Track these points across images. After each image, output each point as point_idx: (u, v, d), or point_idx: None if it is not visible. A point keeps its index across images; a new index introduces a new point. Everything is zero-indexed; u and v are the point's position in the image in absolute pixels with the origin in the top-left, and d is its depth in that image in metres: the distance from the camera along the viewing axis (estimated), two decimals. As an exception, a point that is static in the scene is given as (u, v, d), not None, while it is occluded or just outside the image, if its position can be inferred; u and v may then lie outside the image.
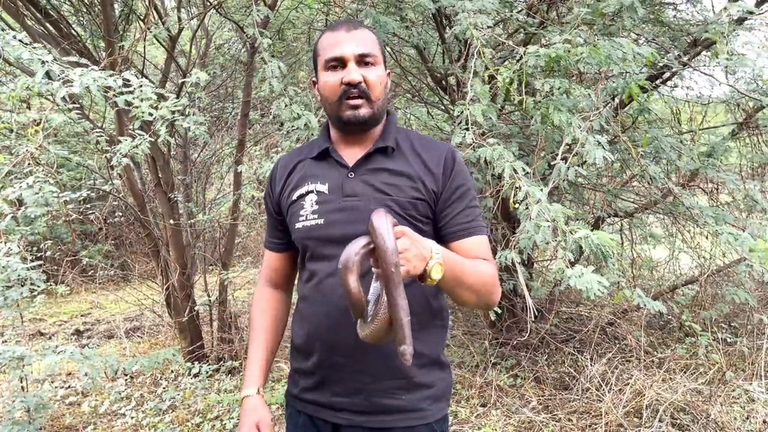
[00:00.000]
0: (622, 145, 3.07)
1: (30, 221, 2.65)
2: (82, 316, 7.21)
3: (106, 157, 3.26)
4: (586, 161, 3.84)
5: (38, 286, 2.41)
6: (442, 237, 1.37)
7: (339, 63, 1.35)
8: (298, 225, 1.41)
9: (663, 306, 2.47)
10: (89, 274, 8.23)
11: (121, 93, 2.06)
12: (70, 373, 4.66)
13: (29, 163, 2.81)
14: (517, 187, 2.05)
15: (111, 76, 1.96)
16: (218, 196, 5.19)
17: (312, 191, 1.41)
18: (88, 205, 5.04)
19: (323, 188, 1.40)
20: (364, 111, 1.35)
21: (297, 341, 1.50)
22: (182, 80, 3.14)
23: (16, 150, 2.88)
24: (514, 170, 2.08)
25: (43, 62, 2.29)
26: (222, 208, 4.68)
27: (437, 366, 1.43)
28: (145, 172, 4.87)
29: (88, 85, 1.88)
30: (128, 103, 2.51)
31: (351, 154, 1.42)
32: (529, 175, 2.13)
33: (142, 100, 2.15)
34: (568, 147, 2.58)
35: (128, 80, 2.44)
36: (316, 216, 1.38)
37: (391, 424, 1.37)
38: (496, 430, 3.23)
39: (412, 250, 1.11)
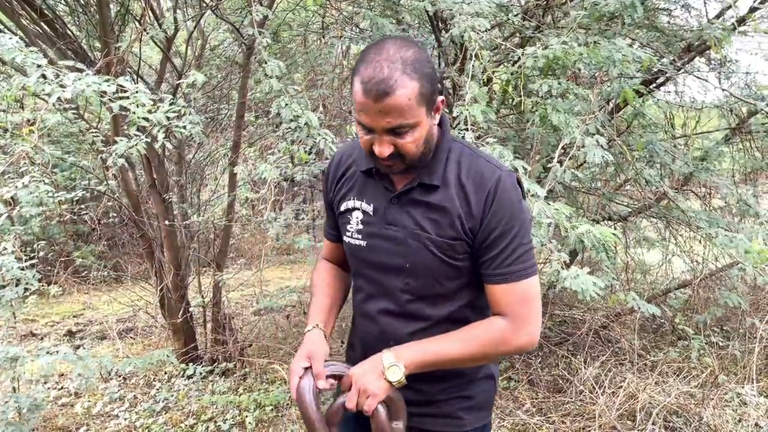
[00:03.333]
0: (616, 148, 3.10)
1: (24, 221, 2.64)
2: (74, 317, 7.17)
3: (101, 157, 3.25)
4: (581, 164, 3.87)
5: (32, 286, 2.40)
6: (482, 278, 1.35)
7: (368, 129, 1.24)
8: (346, 239, 1.45)
9: (657, 309, 2.49)
10: (82, 274, 8.19)
11: (119, 98, 2.05)
12: (62, 374, 4.63)
13: (24, 163, 2.80)
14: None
15: (106, 81, 1.95)
16: (213, 197, 5.18)
17: (358, 209, 1.41)
18: (83, 206, 5.02)
19: (368, 209, 1.40)
20: (398, 167, 1.29)
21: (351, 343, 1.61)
22: (178, 81, 3.14)
23: (11, 149, 2.87)
24: (515, 169, 2.09)
25: (38, 66, 2.28)
26: (216, 210, 4.68)
27: (482, 379, 1.47)
28: (140, 172, 4.86)
29: (83, 90, 1.87)
30: (124, 108, 2.51)
31: (399, 178, 1.37)
32: (528, 174, 2.14)
33: (138, 106, 2.14)
34: (563, 150, 2.60)
35: (123, 86, 2.42)
36: (360, 237, 1.40)
37: (428, 426, 1.43)
38: (490, 432, 3.24)
39: (362, 388, 1.27)
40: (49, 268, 7.31)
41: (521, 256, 1.31)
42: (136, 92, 2.02)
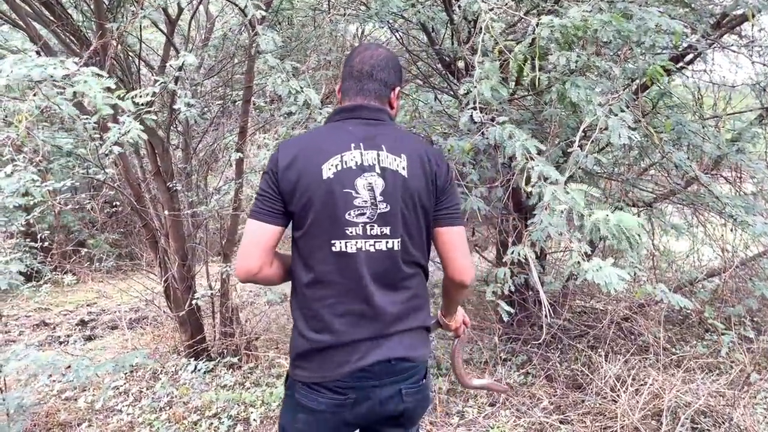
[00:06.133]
0: (641, 131, 2.87)
1: (9, 212, 2.50)
2: (87, 305, 7.12)
3: (95, 144, 3.09)
4: (602, 148, 3.64)
5: (14, 281, 2.26)
6: None
7: None
8: None
9: (689, 302, 2.28)
10: (97, 263, 8.15)
11: (71, 84, 1.84)
12: (69, 366, 4.55)
13: (9, 151, 2.65)
14: (530, 169, 1.85)
15: (53, 65, 1.76)
16: (220, 185, 5.04)
17: None
18: (84, 195, 4.90)
19: None
20: None
21: None
22: (163, 63, 2.96)
23: (-2, 137, 2.73)
24: (527, 150, 1.89)
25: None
26: (223, 198, 4.53)
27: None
28: (145, 160, 4.72)
29: (27, 75, 1.69)
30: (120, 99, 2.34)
31: None
32: (544, 156, 1.94)
33: (97, 91, 1.91)
34: (584, 134, 2.39)
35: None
36: None
37: None
38: (505, 432, 3.07)
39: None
40: (63, 257, 7.27)
41: None
42: (89, 76, 1.80)
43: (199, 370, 4.07)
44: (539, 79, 2.15)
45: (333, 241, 1.53)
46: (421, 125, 4.19)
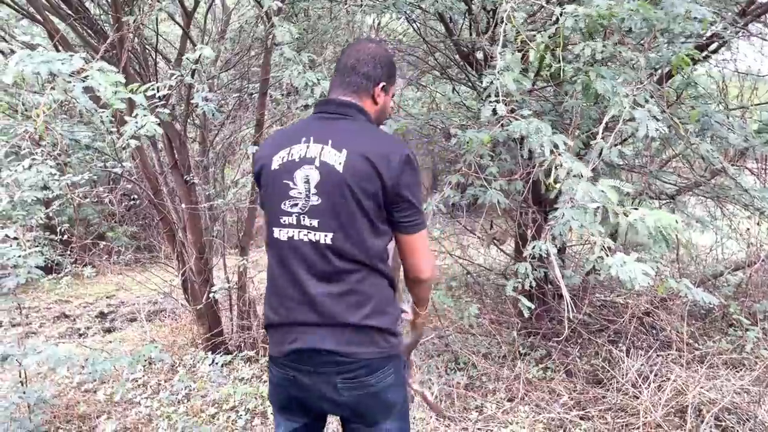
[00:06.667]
0: (665, 121, 2.80)
1: (27, 205, 2.51)
2: (107, 297, 7.19)
3: (112, 138, 3.09)
4: (624, 140, 3.57)
5: (34, 275, 2.27)
6: None
7: None
8: None
9: (714, 299, 2.22)
10: (116, 256, 8.22)
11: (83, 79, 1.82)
12: (87, 359, 4.59)
13: (27, 145, 2.65)
14: (557, 165, 1.80)
15: (61, 60, 1.74)
16: (237, 178, 5.04)
17: None
18: (102, 188, 4.93)
19: None
20: None
21: None
22: (180, 56, 2.95)
23: (14, 130, 2.73)
24: (555, 145, 1.84)
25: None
26: (240, 191, 4.53)
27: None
28: (163, 153, 4.73)
29: (35, 70, 1.67)
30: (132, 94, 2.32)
31: None
32: (567, 150, 1.88)
33: (107, 86, 1.89)
34: (606, 125, 2.34)
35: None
36: None
37: None
38: (523, 428, 3.03)
39: None
40: (82, 249, 7.34)
41: None
42: (96, 71, 1.78)
43: (216, 364, 4.08)
44: (563, 69, 2.09)
45: (273, 228, 1.64)
46: (438, 117, 4.14)
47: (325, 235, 1.57)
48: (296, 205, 1.59)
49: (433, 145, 4.55)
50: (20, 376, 2.77)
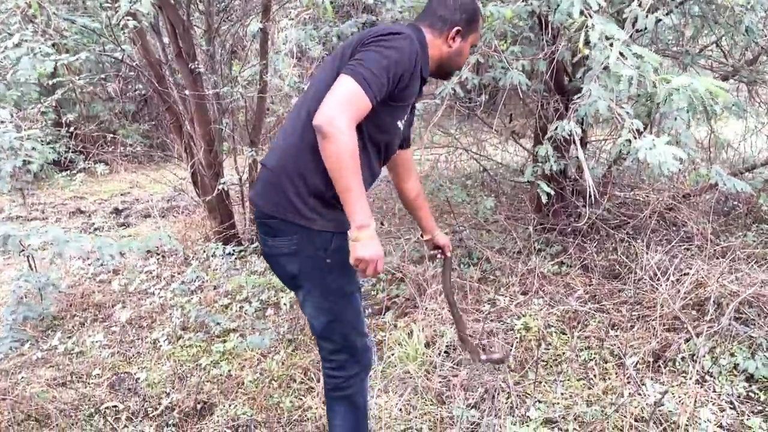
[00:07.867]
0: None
1: (21, 84, 2.37)
2: (121, 195, 7.20)
3: (107, 15, 2.90)
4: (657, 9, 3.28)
5: (34, 159, 2.17)
6: None
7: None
8: (397, 122, 1.67)
9: (745, 185, 2.07)
10: (129, 151, 8.16)
11: None
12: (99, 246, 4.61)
13: (18, 21, 2.48)
14: (587, 27, 1.61)
15: None
16: (245, 69, 4.81)
17: (415, 106, 1.83)
18: (103, 75, 4.74)
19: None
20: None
21: None
22: None
23: (4, 5, 2.56)
24: (587, 4, 1.64)
25: None
26: (248, 79, 4.33)
27: None
28: (167, 41, 4.51)
29: None
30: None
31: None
32: (600, 12, 1.68)
33: None
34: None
35: None
36: (402, 125, 1.71)
37: None
38: (536, 319, 3.00)
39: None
40: (94, 146, 7.27)
41: None
42: None
43: (228, 255, 4.07)
44: None
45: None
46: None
47: None
48: None
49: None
50: (28, 262, 2.75)
